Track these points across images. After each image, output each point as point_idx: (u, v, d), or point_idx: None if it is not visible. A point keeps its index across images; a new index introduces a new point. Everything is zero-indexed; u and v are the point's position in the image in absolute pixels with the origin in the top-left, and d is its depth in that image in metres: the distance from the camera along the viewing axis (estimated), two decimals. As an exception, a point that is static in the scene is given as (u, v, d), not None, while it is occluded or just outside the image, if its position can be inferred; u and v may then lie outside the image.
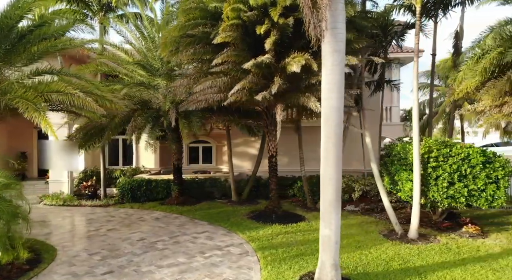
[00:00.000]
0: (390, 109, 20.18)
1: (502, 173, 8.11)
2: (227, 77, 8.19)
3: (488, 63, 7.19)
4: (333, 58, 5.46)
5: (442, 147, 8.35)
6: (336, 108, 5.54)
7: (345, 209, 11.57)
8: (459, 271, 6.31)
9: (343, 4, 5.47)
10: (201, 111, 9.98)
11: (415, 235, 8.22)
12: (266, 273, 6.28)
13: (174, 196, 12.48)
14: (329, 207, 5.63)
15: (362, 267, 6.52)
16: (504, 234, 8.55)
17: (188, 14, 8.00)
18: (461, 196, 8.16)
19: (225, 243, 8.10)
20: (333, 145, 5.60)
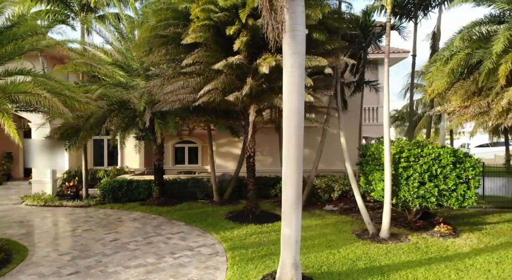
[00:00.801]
0: (377, 109, 20.27)
1: (473, 173, 8.20)
2: (200, 78, 8.21)
3: (456, 64, 7.26)
4: (293, 60, 5.50)
5: (413, 148, 8.42)
6: (296, 109, 5.57)
7: (324, 208, 11.65)
8: (422, 270, 6.38)
9: (303, 6, 5.49)
10: (177, 112, 10.01)
11: (386, 234, 8.28)
12: (231, 273, 6.31)
13: (155, 196, 12.49)
14: (290, 207, 5.67)
15: (327, 267, 6.56)
16: (476, 234, 8.64)
17: (160, 15, 8.00)
18: (431, 196, 8.24)
19: (197, 243, 8.12)
20: (293, 147, 5.64)
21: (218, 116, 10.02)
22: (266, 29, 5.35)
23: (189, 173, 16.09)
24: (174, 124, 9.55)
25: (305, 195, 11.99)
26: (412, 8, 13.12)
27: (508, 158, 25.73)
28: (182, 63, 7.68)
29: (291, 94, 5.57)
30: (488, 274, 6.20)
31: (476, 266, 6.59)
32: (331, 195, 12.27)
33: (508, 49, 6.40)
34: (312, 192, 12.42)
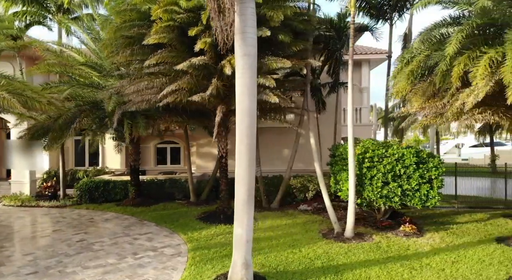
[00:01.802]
0: (360, 110, 20.44)
1: (436, 173, 8.31)
2: (166, 78, 8.24)
3: (416, 66, 7.34)
4: (243, 61, 5.54)
5: (377, 148, 8.51)
6: (247, 110, 5.63)
7: (298, 208, 11.72)
8: (377, 269, 6.45)
9: (253, 9, 5.54)
10: (149, 112, 10.02)
11: (351, 234, 8.36)
12: (187, 273, 6.35)
13: (131, 197, 12.49)
14: (241, 206, 5.73)
15: (284, 266, 6.62)
16: (440, 233, 8.73)
17: (124, 16, 8.02)
18: (395, 196, 8.34)
19: (163, 244, 8.14)
20: (245, 147, 5.69)
21: (190, 116, 10.04)
22: (215, 31, 5.40)
23: (171, 173, 16.10)
24: (144, 124, 9.57)
25: (280, 195, 12.07)
26: (388, 9, 13.27)
27: (494, 158, 26.04)
28: (144, 64, 7.70)
29: (242, 95, 5.62)
30: (441, 273, 6.28)
31: (431, 265, 6.68)
32: (306, 195, 12.34)
33: (462, 51, 6.51)
34: (287, 192, 12.48)
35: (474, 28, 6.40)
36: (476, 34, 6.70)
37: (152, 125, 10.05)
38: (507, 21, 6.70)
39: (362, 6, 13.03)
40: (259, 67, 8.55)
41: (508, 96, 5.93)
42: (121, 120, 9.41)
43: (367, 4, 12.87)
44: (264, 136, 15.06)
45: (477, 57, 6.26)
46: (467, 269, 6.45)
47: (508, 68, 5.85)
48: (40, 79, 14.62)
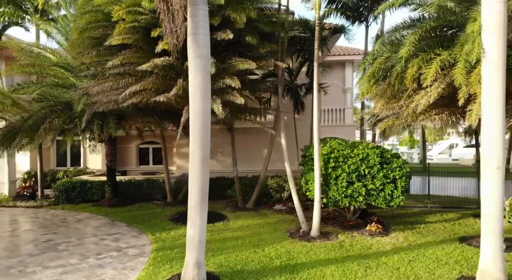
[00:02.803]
0: (344, 111, 20.58)
1: (399, 173, 8.41)
2: (132, 78, 8.27)
3: (377, 68, 7.44)
4: (196, 63, 5.59)
5: (343, 149, 8.60)
6: (200, 111, 5.68)
7: (273, 208, 11.80)
8: (333, 268, 6.53)
9: (205, 11, 5.59)
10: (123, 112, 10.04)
11: (317, 233, 8.44)
12: (144, 273, 6.39)
13: (107, 197, 12.49)
14: (194, 207, 5.78)
15: (242, 265, 6.68)
16: (406, 232, 8.83)
17: (90, 17, 8.05)
18: (359, 196, 8.43)
19: (128, 244, 8.17)
20: (198, 148, 5.75)
21: (162, 116, 10.07)
22: (165, 32, 5.44)
23: (153, 174, 16.08)
24: (114, 124, 9.58)
25: (255, 195, 12.13)
26: (364, 11, 13.41)
27: (478, 158, 26.28)
28: (107, 64, 7.72)
29: (195, 97, 5.68)
30: (395, 272, 6.37)
31: (388, 264, 6.77)
32: (282, 195, 12.41)
33: (418, 53, 6.60)
34: (264, 192, 12.55)
35: (428, 30, 6.50)
36: (432, 36, 6.81)
37: (124, 126, 10.06)
38: (464, 23, 6.81)
39: (339, 7, 13.17)
40: (226, 68, 8.67)
41: (459, 97, 6.03)
42: (91, 120, 9.42)
43: (343, 6, 13.00)
44: (245, 137, 15.14)
45: (431, 59, 6.36)
46: (422, 268, 6.55)
47: (459, 70, 5.96)
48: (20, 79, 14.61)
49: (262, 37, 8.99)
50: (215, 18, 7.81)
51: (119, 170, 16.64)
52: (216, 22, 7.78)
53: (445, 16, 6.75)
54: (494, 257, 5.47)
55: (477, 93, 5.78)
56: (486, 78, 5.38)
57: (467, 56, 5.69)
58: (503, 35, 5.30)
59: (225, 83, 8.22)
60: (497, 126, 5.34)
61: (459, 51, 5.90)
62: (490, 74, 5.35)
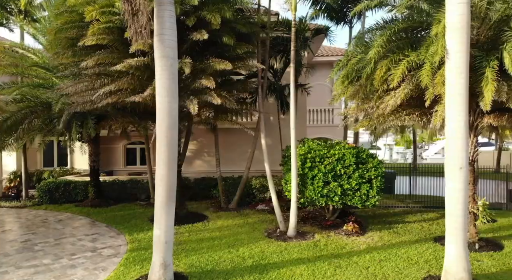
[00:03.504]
0: (332, 111, 20.68)
1: (375, 173, 8.46)
2: (108, 79, 8.27)
3: (350, 69, 7.48)
4: (162, 63, 5.61)
5: (319, 149, 8.64)
6: (167, 111, 5.69)
7: (256, 208, 11.82)
8: (303, 267, 6.56)
9: (171, 11, 5.61)
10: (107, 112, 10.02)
11: (293, 233, 8.48)
12: (114, 273, 6.40)
13: (90, 197, 12.47)
14: (160, 207, 5.79)
15: (213, 266, 6.69)
16: (382, 232, 8.88)
17: (66, 17, 8.04)
18: (335, 195, 8.47)
19: (105, 245, 8.17)
20: (165, 147, 5.76)
21: (142, 117, 10.07)
22: (130, 33, 5.46)
23: (140, 174, 16.08)
24: (93, 125, 9.59)
25: (238, 196, 12.14)
26: (348, 13, 13.46)
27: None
28: (81, 65, 7.73)
29: (161, 97, 5.69)
30: (363, 271, 6.42)
31: (359, 263, 6.81)
32: (265, 195, 12.43)
33: (388, 54, 6.64)
34: (247, 192, 12.58)
35: (397, 32, 6.54)
36: (403, 37, 6.85)
37: (103, 126, 10.05)
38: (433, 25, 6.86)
39: (323, 8, 13.22)
40: (204, 68, 8.69)
41: (426, 98, 6.08)
42: (70, 121, 9.40)
43: (327, 7, 13.05)
44: (232, 137, 15.13)
45: (399, 60, 6.41)
46: (391, 267, 6.59)
47: (425, 72, 6.01)
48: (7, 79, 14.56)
49: (241, 38, 9.02)
50: (189, 18, 7.84)
51: (106, 171, 16.65)
52: (191, 22, 7.81)
53: (415, 18, 6.80)
54: (457, 256, 5.52)
55: (441, 94, 5.84)
56: (450, 79, 5.43)
57: (431, 57, 5.73)
58: (466, 36, 5.35)
59: (201, 84, 8.24)
60: (460, 127, 5.39)
61: (424, 52, 5.94)
62: (454, 75, 5.40)
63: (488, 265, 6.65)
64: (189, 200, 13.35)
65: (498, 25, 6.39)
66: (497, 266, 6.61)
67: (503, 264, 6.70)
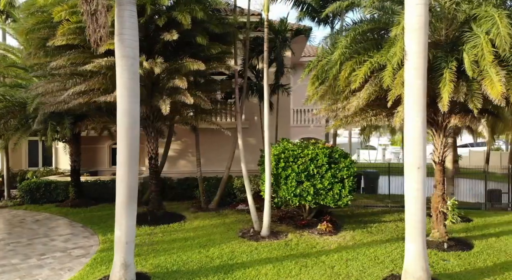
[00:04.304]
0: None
1: (347, 173, 8.50)
2: (80, 79, 8.26)
3: (320, 70, 7.51)
4: (122, 62, 5.61)
5: (292, 149, 8.66)
6: (127, 111, 5.69)
7: (237, 208, 11.85)
8: (270, 267, 6.58)
9: (131, 11, 5.61)
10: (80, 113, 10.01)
11: (266, 232, 8.49)
12: (79, 274, 6.40)
13: (70, 198, 12.44)
14: (120, 208, 5.80)
15: (179, 266, 6.69)
16: (356, 231, 8.91)
17: (37, 17, 8.02)
18: (308, 195, 8.49)
19: (76, 245, 8.16)
20: (125, 148, 5.76)
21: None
22: (88, 32, 5.45)
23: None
24: (69, 125, 9.57)
25: (218, 196, 12.15)
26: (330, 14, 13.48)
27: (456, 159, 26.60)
28: (51, 65, 7.71)
29: (121, 97, 5.69)
30: (328, 270, 6.44)
31: (325, 262, 6.83)
32: (246, 194, 12.40)
33: (354, 55, 6.67)
34: (228, 192, 12.60)
35: (362, 33, 6.57)
36: (370, 38, 6.88)
37: (80, 126, 10.04)
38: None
39: (304, 9, 13.24)
40: (178, 68, 8.70)
41: (388, 99, 6.11)
42: (45, 121, 9.38)
43: (308, 8, 13.07)
44: (216, 137, 15.13)
45: (364, 61, 6.44)
46: (356, 266, 6.62)
47: (387, 73, 6.04)
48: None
49: (216, 38, 9.03)
50: (160, 19, 7.84)
51: (90, 171, 16.60)
52: (161, 22, 7.82)
53: (380, 19, 6.83)
54: (416, 256, 5.56)
55: (402, 94, 5.87)
56: (409, 80, 5.46)
57: (391, 58, 5.76)
58: (424, 37, 5.38)
59: (174, 84, 8.25)
60: (418, 127, 5.43)
61: (385, 54, 5.97)
62: (412, 75, 5.43)
63: (453, 265, 6.70)
64: (171, 200, 13.37)
65: (462, 26, 6.43)
66: (462, 266, 6.66)
67: (468, 264, 6.75)
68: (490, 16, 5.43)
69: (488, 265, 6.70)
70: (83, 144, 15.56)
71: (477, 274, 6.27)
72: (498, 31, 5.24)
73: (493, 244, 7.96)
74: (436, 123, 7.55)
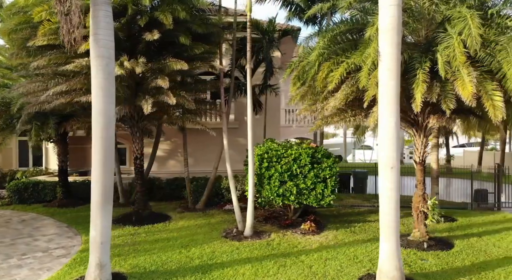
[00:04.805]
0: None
1: (330, 173, 8.53)
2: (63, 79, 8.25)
3: (301, 71, 7.53)
4: (97, 62, 5.62)
5: (275, 149, 8.68)
6: (102, 112, 5.70)
7: (224, 208, 11.84)
8: (248, 267, 6.60)
9: (106, 11, 5.61)
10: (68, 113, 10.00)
11: (250, 232, 8.51)
12: (56, 274, 6.41)
13: (58, 198, 12.43)
14: (96, 208, 5.82)
15: (158, 266, 6.70)
16: (339, 231, 8.93)
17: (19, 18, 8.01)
18: (291, 195, 8.52)
19: (59, 245, 8.16)
20: (99, 149, 5.76)
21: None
22: (62, 33, 5.46)
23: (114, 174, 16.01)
24: (53, 125, 9.58)
25: (205, 196, 12.15)
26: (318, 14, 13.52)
27: (448, 159, 26.78)
28: (32, 65, 7.71)
29: (96, 97, 5.70)
30: (306, 270, 6.46)
31: (304, 262, 6.85)
32: (233, 195, 12.43)
33: (332, 56, 6.69)
34: (216, 192, 12.61)
35: (339, 34, 6.59)
36: (349, 39, 6.90)
37: (65, 126, 10.03)
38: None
39: (292, 10, 13.26)
40: (162, 68, 8.71)
41: (365, 100, 6.14)
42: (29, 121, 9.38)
43: (296, 8, 13.09)
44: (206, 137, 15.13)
45: (341, 62, 6.46)
46: (334, 266, 6.65)
47: (363, 74, 6.07)
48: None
49: (200, 38, 9.03)
50: (142, 19, 7.85)
51: (81, 171, 16.58)
52: (143, 22, 7.82)
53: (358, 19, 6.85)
54: (389, 255, 5.58)
55: (376, 95, 5.89)
56: (382, 80, 5.48)
57: (366, 59, 5.79)
58: (397, 38, 5.40)
59: (157, 83, 8.26)
60: (391, 128, 5.45)
61: (360, 55, 6.00)
62: (385, 76, 5.45)
63: (430, 264, 6.73)
64: (160, 200, 13.38)
65: (439, 27, 6.46)
66: (439, 265, 6.69)
67: (446, 264, 6.78)
68: (463, 17, 5.47)
69: (466, 265, 6.74)
70: (72, 144, 15.57)
71: (453, 274, 6.30)
72: (469, 31, 5.27)
73: (474, 244, 8.00)
74: (416, 124, 7.58)
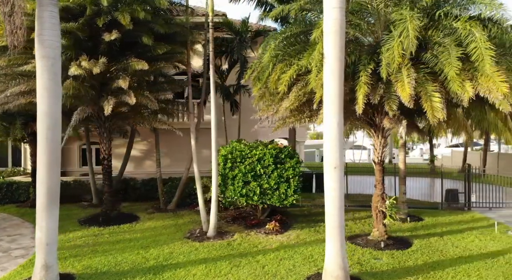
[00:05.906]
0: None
1: (293, 173, 8.57)
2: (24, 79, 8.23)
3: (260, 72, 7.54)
4: (42, 63, 5.61)
5: (244, 149, 8.71)
6: (46, 112, 5.68)
7: (196, 209, 11.76)
8: (202, 267, 6.62)
9: (51, 12, 5.60)
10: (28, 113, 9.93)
11: (213, 233, 8.53)
12: (9, 274, 6.42)
13: (31, 198, 12.38)
14: (41, 210, 5.81)
15: (111, 267, 6.70)
16: (303, 231, 8.96)
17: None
18: (254, 195, 8.55)
19: (20, 246, 8.14)
20: (45, 149, 5.75)
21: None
22: (5, 33, 5.44)
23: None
24: (21, 125, 9.55)
25: (177, 196, 12.14)
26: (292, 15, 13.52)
27: (432, 159, 26.93)
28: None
29: (41, 98, 5.69)
30: (258, 270, 6.48)
31: (259, 262, 6.88)
32: (206, 195, 12.40)
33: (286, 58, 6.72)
34: (189, 193, 12.59)
35: (292, 36, 6.63)
36: (303, 40, 6.94)
37: (32, 126, 9.99)
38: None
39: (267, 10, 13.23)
40: (124, 68, 8.71)
41: (314, 101, 6.17)
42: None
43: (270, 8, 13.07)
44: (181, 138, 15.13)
45: (292, 64, 6.49)
46: (287, 265, 6.68)
47: (313, 76, 6.11)
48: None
49: (164, 38, 9.03)
50: (100, 18, 7.84)
51: (59, 171, 16.51)
52: (101, 23, 7.81)
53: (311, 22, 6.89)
54: (334, 254, 5.63)
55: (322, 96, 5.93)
56: (326, 82, 5.52)
57: (312, 61, 5.83)
58: (340, 40, 5.44)
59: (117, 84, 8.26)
60: (334, 128, 5.49)
61: (308, 57, 6.04)
62: (329, 78, 5.49)
63: (382, 264, 6.79)
64: (135, 201, 13.35)
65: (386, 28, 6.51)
66: (391, 264, 6.75)
67: (398, 263, 6.84)
68: (404, 19, 5.52)
69: (418, 264, 6.80)
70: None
71: (402, 273, 6.36)
72: (407, 33, 5.33)
73: (433, 243, 8.07)
74: (374, 125, 7.65)
